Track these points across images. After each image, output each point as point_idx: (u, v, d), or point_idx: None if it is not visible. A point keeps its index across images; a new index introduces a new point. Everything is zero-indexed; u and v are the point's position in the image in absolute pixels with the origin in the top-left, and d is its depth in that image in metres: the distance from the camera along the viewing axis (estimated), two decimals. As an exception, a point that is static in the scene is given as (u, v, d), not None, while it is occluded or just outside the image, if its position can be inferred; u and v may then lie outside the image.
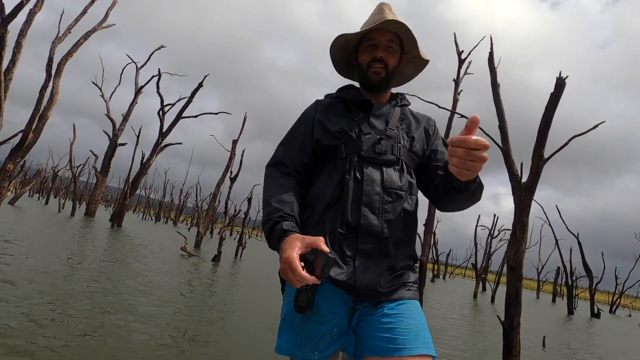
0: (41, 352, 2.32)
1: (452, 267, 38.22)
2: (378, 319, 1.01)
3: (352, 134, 1.10)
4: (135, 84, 18.30)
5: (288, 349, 1.02)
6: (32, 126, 8.59)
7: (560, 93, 3.97)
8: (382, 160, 1.08)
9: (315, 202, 1.09)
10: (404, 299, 1.04)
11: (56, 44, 9.59)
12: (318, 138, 1.12)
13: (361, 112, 1.14)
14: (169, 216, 38.94)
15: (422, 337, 0.99)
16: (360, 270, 1.01)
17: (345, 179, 1.06)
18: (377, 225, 1.03)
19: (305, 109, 1.21)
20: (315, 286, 0.97)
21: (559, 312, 15.90)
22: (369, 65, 1.14)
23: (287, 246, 0.90)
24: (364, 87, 1.18)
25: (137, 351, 2.65)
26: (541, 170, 4.09)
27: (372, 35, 1.15)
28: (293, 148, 1.14)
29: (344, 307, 1.02)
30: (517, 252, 4.08)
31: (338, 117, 1.14)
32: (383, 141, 1.09)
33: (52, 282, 4.05)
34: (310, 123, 1.16)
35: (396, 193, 1.07)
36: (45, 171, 28.36)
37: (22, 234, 7.42)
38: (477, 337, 6.13)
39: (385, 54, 1.14)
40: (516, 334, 3.90)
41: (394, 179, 1.08)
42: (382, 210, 1.04)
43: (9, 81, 7.87)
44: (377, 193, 1.05)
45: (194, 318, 3.81)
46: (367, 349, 1.00)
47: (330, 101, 1.20)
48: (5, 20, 6.63)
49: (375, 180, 1.06)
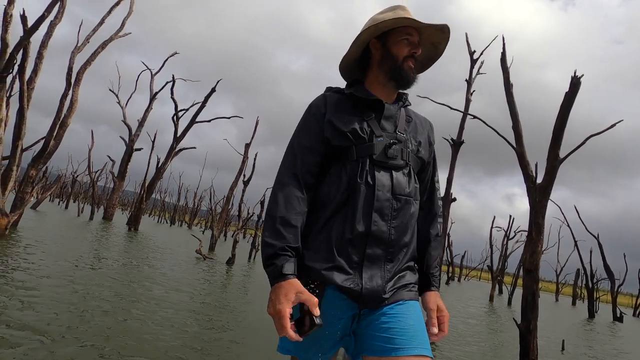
0: (60, 351, 2.41)
1: (468, 269, 37.62)
2: (377, 319, 1.02)
3: (364, 135, 1.06)
4: (150, 90, 18.71)
5: (291, 350, 1.03)
6: (53, 133, 8.88)
7: (576, 92, 3.91)
8: (392, 164, 1.06)
9: (321, 205, 1.06)
10: (403, 299, 1.05)
11: (75, 53, 9.90)
12: (328, 137, 1.07)
13: (372, 112, 1.10)
14: (184, 219, 39.53)
15: (419, 337, 1.00)
16: (367, 277, 1.00)
17: (356, 183, 1.03)
18: (386, 232, 1.02)
19: (312, 104, 1.14)
20: (322, 292, 0.98)
21: (580, 316, 15.47)
22: (405, 60, 1.11)
23: (283, 297, 0.91)
24: (393, 79, 1.12)
25: (152, 352, 2.72)
26: (557, 170, 4.03)
27: (410, 31, 1.11)
28: (304, 148, 1.08)
29: (349, 313, 1.02)
30: (533, 254, 4.02)
31: (349, 116, 1.09)
32: (394, 145, 1.07)
33: (73, 284, 4.18)
34: (321, 120, 1.09)
35: (405, 199, 1.06)
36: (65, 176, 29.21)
37: (45, 237, 7.68)
38: (493, 340, 6.03)
39: (418, 51, 1.13)
40: (533, 337, 3.83)
41: (403, 184, 1.07)
42: (391, 216, 1.03)
43: (31, 90, 8.16)
44: (387, 199, 1.03)
45: (209, 320, 3.88)
46: (366, 349, 1.01)
47: (338, 97, 1.14)
48: (28, 32, 6.89)
49: (385, 185, 1.04)
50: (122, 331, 3.01)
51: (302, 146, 1.08)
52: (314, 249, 1.02)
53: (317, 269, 1.00)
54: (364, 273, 1.00)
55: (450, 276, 25.88)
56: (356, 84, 1.17)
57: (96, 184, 20.58)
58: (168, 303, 4.23)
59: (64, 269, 4.93)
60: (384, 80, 1.14)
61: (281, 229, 0.98)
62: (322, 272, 0.99)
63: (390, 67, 1.12)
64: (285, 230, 0.98)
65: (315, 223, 1.05)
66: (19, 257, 5.14)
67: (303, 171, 1.06)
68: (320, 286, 0.99)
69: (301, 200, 1.03)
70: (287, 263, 0.95)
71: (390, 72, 1.12)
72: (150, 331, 3.14)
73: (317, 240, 1.03)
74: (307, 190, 1.06)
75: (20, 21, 6.86)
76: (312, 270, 1.00)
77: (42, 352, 2.35)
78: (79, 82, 9.75)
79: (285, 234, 0.98)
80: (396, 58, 1.11)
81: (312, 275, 1.00)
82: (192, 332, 3.35)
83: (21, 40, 6.91)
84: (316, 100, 1.14)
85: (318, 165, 1.08)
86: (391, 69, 1.12)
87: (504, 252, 18.84)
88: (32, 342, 2.47)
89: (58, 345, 2.49)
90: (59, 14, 8.61)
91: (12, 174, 7.84)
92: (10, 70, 7.00)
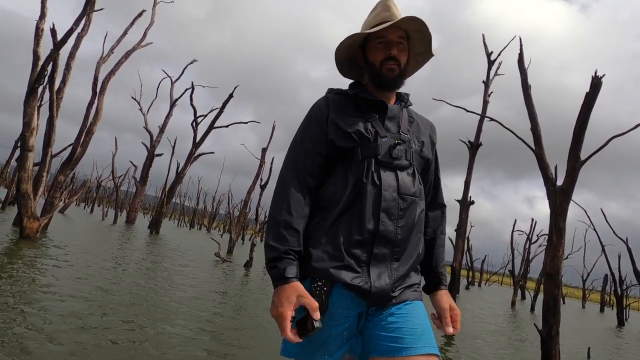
0: (81, 352, 2.54)
1: (488, 274, 36.70)
2: (385, 319, 1.02)
3: (369, 136, 1.07)
4: (170, 97, 19.27)
5: (297, 353, 1.02)
6: (80, 141, 9.28)
7: (597, 92, 3.82)
8: (397, 164, 1.07)
9: (327, 206, 1.06)
10: (409, 299, 1.06)
11: (100, 63, 10.34)
12: (333, 139, 1.08)
13: (375, 113, 1.11)
14: (203, 223, 40.24)
15: (427, 336, 1.01)
16: (375, 275, 1.01)
17: (363, 183, 1.03)
18: (393, 232, 1.03)
19: (315, 105, 1.14)
20: (330, 290, 1.00)
21: (608, 323, 14.85)
22: (382, 64, 1.11)
23: (285, 300, 0.93)
24: (377, 86, 1.14)
25: (172, 354, 2.82)
26: (578, 172, 3.94)
27: (382, 33, 1.11)
28: (306, 150, 1.08)
29: (356, 311, 1.03)
30: (555, 259, 3.93)
31: (353, 117, 1.10)
32: (399, 146, 1.08)
33: (99, 285, 4.37)
34: (324, 122, 1.10)
35: (411, 199, 1.07)
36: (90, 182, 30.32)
37: (74, 240, 8.02)
38: (515, 347, 5.90)
39: (397, 52, 1.11)
40: (555, 343, 3.75)
41: (408, 184, 1.08)
42: (397, 216, 1.04)
43: (60, 100, 8.58)
44: (394, 199, 1.04)
45: (225, 320, 3.97)
46: (374, 350, 1.01)
47: (340, 98, 1.14)
48: (58, 45, 7.26)
49: (392, 185, 1.05)
50: (142, 332, 3.13)
51: (304, 149, 1.09)
52: (322, 248, 1.02)
53: (325, 268, 1.00)
54: (371, 272, 1.01)
55: (470, 281, 25.32)
56: (359, 85, 1.19)
57: (119, 188, 21.27)
58: (188, 304, 4.36)
59: (93, 269, 5.15)
60: (371, 85, 1.16)
61: (284, 232, 1.00)
62: (330, 270, 1.00)
63: (372, 74, 1.14)
64: (289, 234, 1.00)
65: (321, 223, 1.05)
66: (51, 258, 5.40)
67: (305, 174, 1.07)
68: (328, 284, 1.00)
69: (304, 204, 1.04)
70: (290, 266, 0.97)
71: (373, 78, 1.14)
72: (169, 332, 3.25)
73: (324, 240, 1.03)
74: (310, 193, 1.07)
75: (50, 35, 7.24)
76: (320, 269, 1.01)
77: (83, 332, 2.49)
78: (104, 91, 10.16)
79: (289, 237, 0.99)
80: (373, 65, 1.12)
81: (319, 274, 1.01)
82: (209, 331, 3.44)
83: (51, 53, 7.28)
84: (318, 102, 1.15)
85: (320, 167, 1.09)
86: (373, 75, 1.14)
87: (526, 256, 18.33)
88: (72, 327, 2.61)
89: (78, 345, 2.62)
90: (85, 26, 9.03)
91: (43, 179, 8.24)
92: (41, 81, 7.38)
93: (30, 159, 7.28)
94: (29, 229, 7.00)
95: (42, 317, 2.94)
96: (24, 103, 7.21)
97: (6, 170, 17.37)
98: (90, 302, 3.62)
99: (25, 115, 7.21)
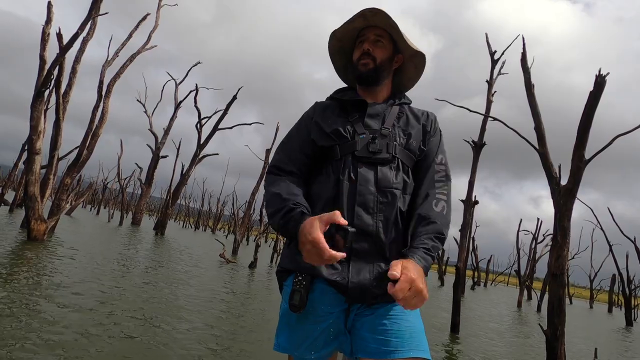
0: (91, 348, 2.58)
1: (494, 275, 36.46)
2: (372, 320, 1.01)
3: (347, 134, 1.11)
4: (174, 100, 19.39)
5: (286, 347, 1.04)
6: (86, 144, 9.38)
7: (600, 91, 3.80)
8: (377, 159, 1.08)
9: (312, 204, 1.08)
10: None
11: (105, 67, 10.44)
12: (314, 139, 1.14)
13: (357, 113, 1.15)
14: (207, 224, 40.42)
15: (416, 339, 0.99)
16: (354, 271, 1.01)
17: (339, 180, 1.06)
18: (372, 225, 1.02)
19: (305, 112, 1.23)
20: (309, 285, 1.01)
21: (616, 324, 14.70)
22: (358, 60, 1.17)
23: (310, 229, 0.90)
24: (358, 82, 1.20)
25: (177, 351, 2.85)
26: (582, 172, 3.91)
27: (363, 32, 1.18)
28: (291, 149, 1.15)
29: (339, 307, 1.03)
30: (559, 258, 3.91)
31: (334, 118, 1.15)
32: (377, 140, 1.09)
33: (108, 285, 4.42)
34: (309, 124, 1.17)
35: (391, 192, 1.06)
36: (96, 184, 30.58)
37: (80, 242, 8.11)
38: (521, 348, 5.87)
39: (372, 47, 1.15)
40: (560, 344, 3.72)
41: (389, 177, 1.07)
42: (376, 209, 1.04)
43: (66, 103, 8.68)
44: (372, 193, 1.04)
45: (229, 321, 4.00)
46: (361, 350, 1.00)
47: (328, 103, 1.22)
48: (64, 49, 7.35)
49: (369, 180, 1.05)
50: (148, 332, 3.16)
51: (291, 147, 1.16)
52: None
53: (307, 264, 0.97)
54: (351, 267, 1.01)
55: (475, 281, 25.21)
56: (350, 89, 1.25)
57: (125, 190, 21.45)
58: (192, 305, 4.39)
59: (100, 270, 5.20)
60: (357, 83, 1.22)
61: (288, 196, 1.03)
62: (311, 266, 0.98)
63: (353, 72, 1.22)
64: (291, 196, 1.03)
65: None
66: (58, 259, 5.47)
67: (292, 168, 1.12)
68: (307, 278, 1.01)
69: (297, 184, 1.09)
70: (300, 208, 0.99)
71: (354, 76, 1.21)
72: (175, 334, 3.28)
73: None
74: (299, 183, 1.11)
75: (57, 39, 7.33)
76: (301, 264, 1.00)
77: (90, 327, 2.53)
78: (110, 94, 10.25)
79: (292, 197, 1.02)
80: (353, 63, 1.20)
81: (301, 269, 1.02)
82: (212, 332, 3.46)
83: (57, 57, 7.37)
84: (309, 109, 1.23)
85: (305, 165, 1.14)
86: (353, 73, 1.21)
87: (532, 256, 18.19)
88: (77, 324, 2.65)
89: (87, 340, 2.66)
90: (91, 30, 9.13)
91: (50, 182, 8.34)
92: (48, 85, 7.47)
93: (38, 162, 7.37)
94: (36, 231, 7.09)
95: (54, 312, 2.99)
96: (31, 106, 7.31)
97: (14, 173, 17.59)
98: (99, 299, 3.67)
99: (32, 119, 7.30)
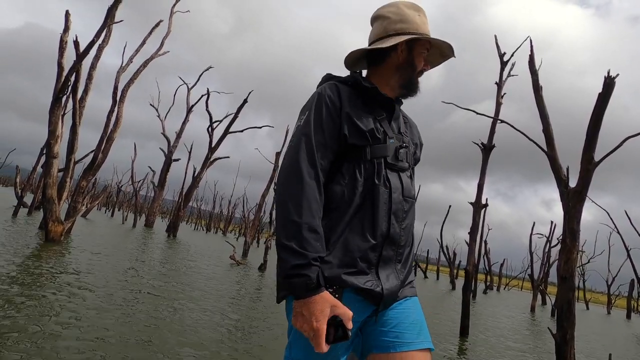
0: (102, 347, 2.68)
1: (508, 278, 35.82)
2: (385, 315, 1.04)
3: (379, 135, 1.05)
4: (186, 104, 19.74)
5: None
6: (101, 147, 9.64)
7: (610, 92, 3.76)
8: (400, 166, 1.07)
9: (336, 207, 1.00)
10: (407, 296, 1.08)
11: (120, 73, 10.73)
12: (346, 134, 1.02)
13: (382, 111, 1.09)
14: (219, 226, 40.81)
15: (425, 332, 1.06)
16: (384, 277, 1.01)
17: (375, 185, 1.01)
18: (399, 234, 1.04)
19: (325, 94, 1.04)
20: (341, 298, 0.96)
21: (634, 330, 14.28)
22: (419, 73, 1.13)
23: (319, 314, 0.86)
24: (404, 88, 1.13)
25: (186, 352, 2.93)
26: (591, 174, 3.87)
27: (428, 46, 1.13)
28: (319, 144, 1.00)
29: (365, 315, 1.00)
30: (568, 261, 3.87)
31: (365, 113, 1.06)
32: (403, 148, 1.09)
33: (122, 285, 4.55)
34: (338, 115, 1.03)
35: (412, 201, 1.09)
36: (110, 187, 31.25)
37: (96, 243, 8.34)
38: (531, 352, 5.79)
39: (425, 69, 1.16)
40: (570, 348, 3.68)
41: (410, 186, 1.09)
42: (402, 218, 1.05)
43: (82, 108, 8.95)
44: (400, 201, 1.05)
45: (241, 326, 4.07)
46: (375, 346, 1.02)
47: (348, 90, 1.08)
48: (80, 56, 7.60)
49: (398, 187, 1.05)
50: (163, 327, 3.26)
51: (319, 142, 0.99)
52: (333, 253, 0.97)
53: (337, 274, 0.95)
54: (380, 274, 1.00)
55: (488, 285, 24.81)
56: (359, 76, 1.11)
57: (139, 193, 21.87)
58: (204, 306, 4.48)
59: (116, 269, 5.36)
60: (395, 84, 1.12)
61: (310, 236, 0.91)
62: (342, 276, 0.96)
63: (408, 76, 1.11)
64: (315, 239, 0.92)
65: (331, 226, 0.99)
66: (76, 259, 5.65)
67: (320, 169, 0.98)
68: (339, 290, 0.96)
69: (321, 203, 0.97)
70: (320, 275, 0.91)
71: (405, 80, 1.11)
72: (186, 332, 3.37)
73: (335, 245, 0.98)
74: (322, 192, 0.98)
75: (74, 46, 7.59)
76: (330, 276, 0.95)
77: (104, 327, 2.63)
78: (124, 99, 10.53)
79: (314, 242, 0.91)
80: (415, 69, 1.11)
81: (330, 282, 0.95)
82: (223, 331, 3.54)
83: (74, 64, 7.63)
84: (329, 89, 1.05)
85: (330, 163, 1.02)
86: (408, 77, 1.11)
87: (546, 260, 17.85)
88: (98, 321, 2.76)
89: (102, 342, 2.77)
90: (106, 37, 9.41)
91: (66, 185, 8.60)
92: (65, 91, 7.73)
93: (55, 166, 7.62)
94: (53, 232, 7.32)
95: (77, 307, 3.12)
96: (49, 112, 7.57)
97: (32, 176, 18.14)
98: (115, 296, 3.80)
99: (51, 124, 7.56)
